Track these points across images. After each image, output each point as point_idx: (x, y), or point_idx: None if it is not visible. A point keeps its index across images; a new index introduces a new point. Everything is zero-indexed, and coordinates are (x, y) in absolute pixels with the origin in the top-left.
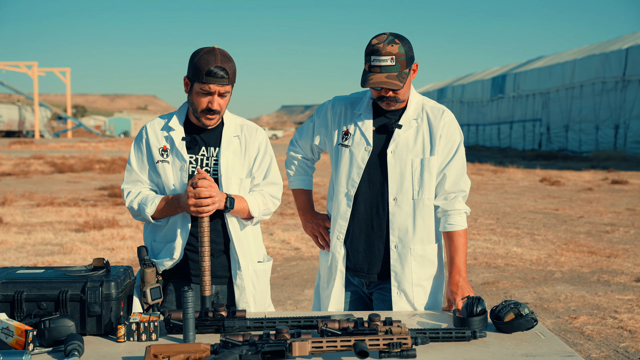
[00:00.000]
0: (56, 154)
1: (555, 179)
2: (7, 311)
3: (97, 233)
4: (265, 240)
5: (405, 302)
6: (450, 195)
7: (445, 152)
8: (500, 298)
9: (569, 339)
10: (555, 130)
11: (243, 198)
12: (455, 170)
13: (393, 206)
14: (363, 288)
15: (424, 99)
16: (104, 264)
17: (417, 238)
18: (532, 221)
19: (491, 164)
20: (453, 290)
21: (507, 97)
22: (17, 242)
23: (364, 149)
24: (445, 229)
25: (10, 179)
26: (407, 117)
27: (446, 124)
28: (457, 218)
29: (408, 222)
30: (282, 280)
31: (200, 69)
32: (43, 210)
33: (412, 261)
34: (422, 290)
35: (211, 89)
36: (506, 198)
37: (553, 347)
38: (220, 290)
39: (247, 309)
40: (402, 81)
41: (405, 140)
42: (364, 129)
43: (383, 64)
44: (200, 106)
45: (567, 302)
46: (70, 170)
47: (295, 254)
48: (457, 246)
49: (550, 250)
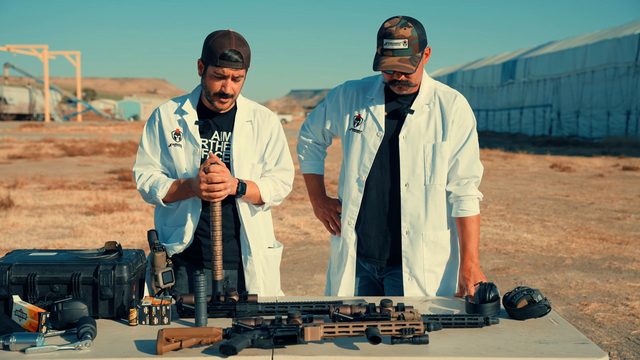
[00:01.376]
0: (66, 137)
1: (566, 165)
2: (20, 293)
3: (108, 216)
4: (275, 225)
5: (417, 288)
6: (462, 180)
7: (457, 137)
8: (510, 284)
9: (580, 326)
10: (566, 116)
11: (254, 184)
12: (468, 155)
13: (405, 192)
14: (374, 274)
15: (436, 84)
16: (116, 247)
17: (429, 224)
18: (542, 207)
19: (501, 149)
20: (465, 276)
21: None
22: (28, 225)
23: (376, 134)
24: (457, 215)
25: (21, 162)
26: (419, 102)
27: (459, 108)
28: (470, 204)
29: (420, 208)
30: (292, 265)
31: (215, 52)
32: (54, 193)
33: (423, 247)
34: (434, 277)
35: (225, 72)
36: (516, 184)
37: (566, 334)
38: (230, 275)
39: (259, 294)
40: (414, 65)
41: (417, 125)
42: (375, 114)
43: (395, 47)
44: (213, 89)
45: (578, 289)
46: (81, 154)
47: (304, 239)
48: (469, 232)
49: (561, 237)
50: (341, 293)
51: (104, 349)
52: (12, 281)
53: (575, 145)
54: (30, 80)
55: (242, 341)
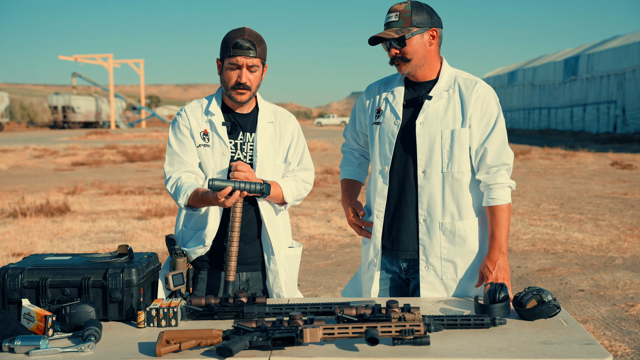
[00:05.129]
0: (128, 144)
1: (628, 163)
2: (33, 297)
3: (158, 221)
4: (322, 227)
5: (434, 276)
6: (492, 169)
7: (482, 125)
8: (555, 285)
9: (623, 327)
10: (632, 112)
11: (277, 184)
12: (497, 143)
13: (422, 179)
14: (402, 274)
15: (457, 72)
16: (127, 251)
17: (447, 212)
18: (597, 206)
19: (561, 147)
20: (489, 266)
21: (580, 79)
22: (81, 230)
23: (394, 123)
24: (487, 204)
25: (83, 169)
26: (438, 89)
27: (480, 95)
28: (500, 192)
29: (437, 196)
30: (335, 267)
31: (228, 44)
32: (110, 198)
33: (440, 236)
34: (452, 266)
35: (239, 61)
36: (573, 183)
37: (574, 334)
38: (251, 277)
39: (281, 294)
40: (398, 33)
41: (435, 111)
42: (394, 104)
43: (389, 20)
44: (230, 81)
45: (626, 289)
46: (140, 160)
47: (350, 241)
48: (498, 221)
49: (614, 236)
50: (374, 289)
51: (106, 351)
52: (24, 285)
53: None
54: (97, 89)
55: (239, 343)
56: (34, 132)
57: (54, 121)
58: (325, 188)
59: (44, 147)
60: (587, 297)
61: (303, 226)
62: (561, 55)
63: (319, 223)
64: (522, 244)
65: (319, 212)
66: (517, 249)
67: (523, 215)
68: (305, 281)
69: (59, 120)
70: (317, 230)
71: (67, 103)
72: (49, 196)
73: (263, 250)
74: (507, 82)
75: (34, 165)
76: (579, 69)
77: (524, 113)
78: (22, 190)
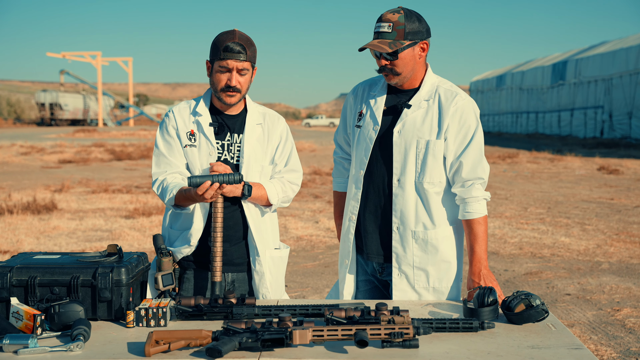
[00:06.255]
0: (116, 142)
1: (614, 168)
2: (22, 296)
3: (146, 219)
4: (310, 228)
5: (406, 284)
6: (467, 182)
7: (459, 138)
8: (542, 289)
9: (609, 331)
10: (618, 118)
11: (262, 185)
12: (473, 157)
13: (396, 187)
14: (377, 275)
15: (440, 81)
16: (117, 251)
17: (420, 221)
18: (584, 210)
19: (549, 152)
20: (475, 280)
21: (568, 84)
22: (69, 228)
23: (372, 129)
24: (463, 217)
25: (71, 167)
26: (418, 98)
27: (459, 108)
28: (476, 205)
29: (410, 205)
30: (323, 268)
31: (219, 47)
32: (97, 197)
33: (413, 244)
34: (424, 275)
35: (229, 64)
36: (560, 187)
37: (562, 339)
38: (236, 278)
39: (267, 295)
40: (391, 47)
41: (412, 120)
42: (374, 109)
43: (380, 30)
44: (219, 84)
45: (612, 293)
46: (128, 158)
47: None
48: (476, 234)
49: (600, 241)
50: (346, 289)
51: (95, 350)
52: (13, 283)
53: (627, 147)
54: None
55: (228, 344)
56: (21, 129)
57: (41, 118)
58: (313, 189)
59: (31, 144)
60: (573, 301)
61: (291, 227)
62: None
63: (306, 224)
64: (509, 248)
65: (307, 213)
66: (505, 252)
67: (510, 219)
68: (293, 282)
69: (47, 117)
70: (305, 231)
71: (55, 100)
72: (35, 194)
73: (249, 251)
74: (495, 85)
75: (20, 163)
76: (566, 74)
77: (511, 117)
78: (8, 187)
